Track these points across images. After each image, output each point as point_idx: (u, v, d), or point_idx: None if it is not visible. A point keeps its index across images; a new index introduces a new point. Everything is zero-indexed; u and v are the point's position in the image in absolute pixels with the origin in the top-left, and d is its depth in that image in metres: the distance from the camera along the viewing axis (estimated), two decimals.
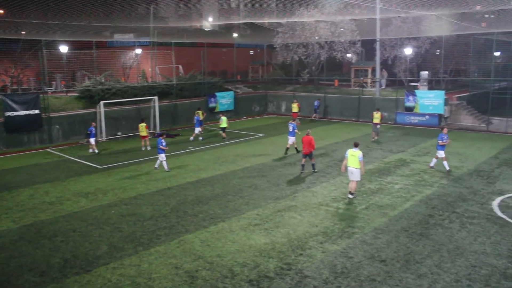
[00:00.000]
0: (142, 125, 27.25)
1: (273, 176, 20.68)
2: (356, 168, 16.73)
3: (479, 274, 10.99)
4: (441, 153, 20.84)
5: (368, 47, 46.10)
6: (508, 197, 17.02)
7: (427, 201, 16.68)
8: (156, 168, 22.15)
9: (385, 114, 36.41)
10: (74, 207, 16.72)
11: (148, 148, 27.23)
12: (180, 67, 44.73)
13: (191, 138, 30.30)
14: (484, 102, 35.02)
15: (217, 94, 40.34)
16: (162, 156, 21.87)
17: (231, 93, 42.25)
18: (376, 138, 29.17)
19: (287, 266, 11.55)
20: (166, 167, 21.93)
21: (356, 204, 16.49)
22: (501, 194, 17.43)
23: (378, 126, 29.29)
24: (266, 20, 49.73)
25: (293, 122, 25.50)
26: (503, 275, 10.94)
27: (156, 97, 33.99)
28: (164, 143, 21.83)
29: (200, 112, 32.29)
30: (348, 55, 48.20)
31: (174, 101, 37.46)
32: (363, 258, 11.95)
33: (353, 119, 39.04)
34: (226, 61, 52.69)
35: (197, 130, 30.34)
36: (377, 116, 29.17)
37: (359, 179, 17.10)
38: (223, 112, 34.33)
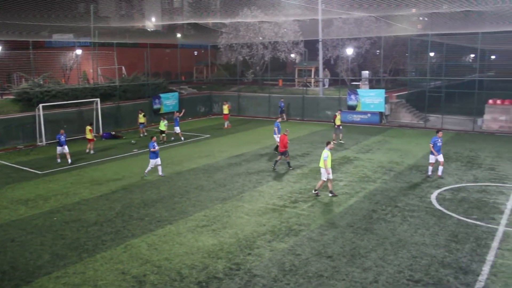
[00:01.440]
0: (88, 128, 26.50)
1: (220, 177, 20.65)
2: (321, 168, 17.18)
3: (420, 264, 11.45)
4: (440, 157, 19.41)
5: (311, 47, 46.92)
6: (444, 190, 17.83)
7: (371, 196, 17.20)
8: (145, 175, 20.91)
9: (328, 112, 37.21)
10: (12, 216, 15.96)
11: (92, 151, 26.42)
12: (123, 68, 43.74)
13: (177, 138, 30.04)
14: (421, 100, 36.53)
15: (162, 95, 39.74)
16: (152, 162, 20.66)
17: (176, 94, 41.75)
18: (341, 140, 28.47)
19: (236, 266, 11.56)
20: (160, 172, 21.00)
21: (302, 202, 16.75)
22: (438, 187, 18.24)
23: (341, 127, 28.87)
24: (210, 21, 49.61)
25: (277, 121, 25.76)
26: (441, 263, 11.46)
27: (98, 99, 33.06)
28: (156, 146, 20.71)
29: (141, 114, 31.77)
30: (292, 55, 48.91)
31: (117, 103, 36.56)
32: (311, 254, 12.16)
33: (298, 118, 39.59)
34: (170, 61, 52.03)
35: (177, 129, 30.15)
36: (339, 118, 28.60)
37: (324, 179, 17.24)
38: (164, 116, 32.57)
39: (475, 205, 16.01)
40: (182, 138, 30.20)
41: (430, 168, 19.86)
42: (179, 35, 60.38)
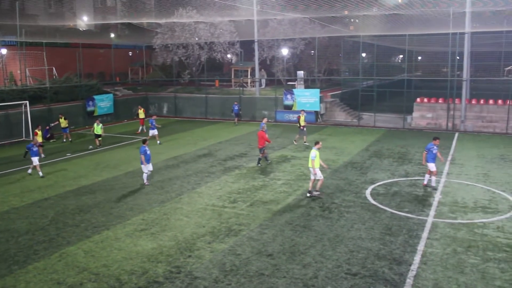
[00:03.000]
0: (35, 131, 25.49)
1: (158, 179, 20.30)
2: (309, 167, 17.10)
3: (357, 258, 11.81)
4: (432, 166, 17.70)
5: (247, 47, 47.21)
6: (378, 185, 18.51)
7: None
8: (147, 184, 19.39)
9: (266, 112, 37.60)
10: None
11: (42, 155, 25.19)
12: (54, 69, 41.94)
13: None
14: (354, 99, 37.76)
15: (96, 97, 38.50)
16: (144, 168, 19.18)
17: (110, 95, 40.60)
18: (305, 142, 27.57)
19: (177, 269, 11.40)
20: (145, 180, 19.39)
21: (241, 202, 16.80)
22: (372, 183, 18.90)
23: (305, 129, 27.99)
24: (144, 21, 48.68)
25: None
26: (377, 256, 11.88)
27: (27, 102, 31.51)
28: (148, 151, 19.09)
29: (62, 118, 30.62)
30: (228, 55, 49.03)
31: (48, 105, 35.01)
32: (251, 254, 12.21)
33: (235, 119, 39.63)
34: (104, 62, 50.52)
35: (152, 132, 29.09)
36: (303, 118, 27.86)
37: (312, 177, 17.20)
38: (98, 119, 30.55)
39: (407, 199, 16.73)
40: (159, 142, 29.00)
41: (428, 176, 18.16)
42: (113, 35, 58.77)
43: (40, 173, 21.07)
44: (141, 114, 34.20)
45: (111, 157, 25.43)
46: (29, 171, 21.66)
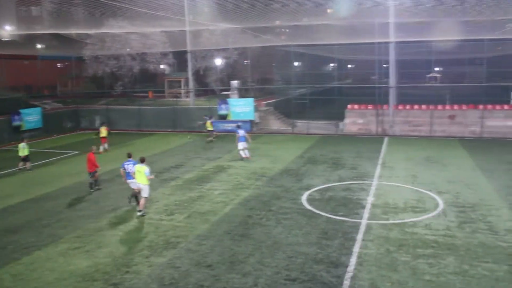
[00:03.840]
0: None
1: (92, 195, 19.66)
2: (144, 184, 16.30)
3: (295, 263, 12.01)
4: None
5: (180, 58, 46.96)
6: (313, 191, 18.94)
7: (245, 203, 17.63)
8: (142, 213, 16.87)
9: (200, 123, 37.51)
10: None
11: None
12: None
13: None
14: (288, 107, 38.48)
15: (22, 111, 36.70)
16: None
17: (38, 109, 38.86)
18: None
19: (114, 287, 11.08)
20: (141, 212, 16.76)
21: (178, 214, 16.61)
22: (307, 189, 19.31)
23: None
24: (73, 31, 47.14)
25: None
26: (314, 260, 12.15)
27: None
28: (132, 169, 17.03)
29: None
30: (161, 66, 48.50)
31: None
32: (190, 266, 12.10)
33: (169, 130, 39.20)
34: (31, 74, 48.35)
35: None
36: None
37: (147, 196, 16.65)
38: (23, 137, 27.51)
39: (341, 203, 17.24)
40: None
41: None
42: (39, 46, 56.37)
43: None
44: (103, 133, 30.79)
45: (41, 173, 24.37)
46: None
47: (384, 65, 36.15)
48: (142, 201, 16.56)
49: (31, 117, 37.32)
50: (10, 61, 42.16)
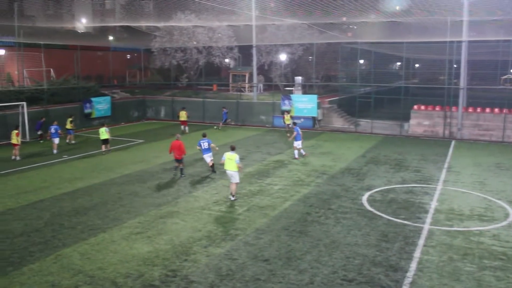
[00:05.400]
0: (14, 132, 25.13)
1: (154, 182, 20.27)
2: (234, 171, 17.16)
3: (353, 264, 11.80)
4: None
5: (245, 52, 47.31)
6: (375, 192, 18.52)
7: (305, 200, 17.53)
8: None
9: (263, 117, 37.65)
10: None
11: (18, 158, 25.08)
12: (52, 70, 41.92)
13: (54, 151, 27.23)
14: (352, 105, 37.83)
15: (93, 99, 38.50)
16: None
17: (108, 98, 40.61)
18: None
19: (172, 273, 11.37)
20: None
21: (238, 206, 16.78)
22: (369, 189, 18.91)
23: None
24: (143, 24, 48.71)
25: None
26: (373, 262, 11.88)
27: (24, 103, 31.45)
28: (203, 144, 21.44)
29: (69, 119, 30.27)
30: (226, 60, 49.07)
31: (45, 107, 34.92)
32: (247, 259, 12.19)
33: (232, 123, 39.61)
34: (102, 65, 50.54)
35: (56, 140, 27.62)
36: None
37: (238, 181, 17.50)
38: (104, 122, 30.56)
39: (403, 206, 16.75)
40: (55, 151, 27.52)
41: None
42: (111, 38, 58.78)
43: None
44: (183, 116, 35.53)
45: (108, 159, 25.39)
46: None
47: (454, 65, 34.67)
48: (233, 187, 17.41)
49: (101, 106, 39.05)
50: (85, 52, 44.15)
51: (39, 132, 31.13)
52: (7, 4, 41.11)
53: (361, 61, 45.29)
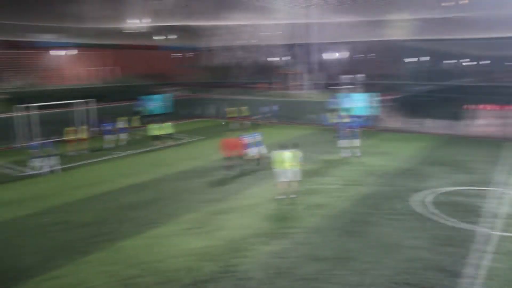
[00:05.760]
0: (79, 128, 26.59)
1: (209, 178, 20.34)
2: (295, 169, 16.86)
3: (415, 268, 11.16)
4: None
5: (297, 51, 46.85)
6: (435, 194, 17.57)
7: (362, 199, 16.95)
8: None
9: (316, 116, 37.03)
10: (3, 216, 15.67)
11: (85, 152, 26.26)
12: (115, 69, 43.42)
13: (111, 145, 28.60)
14: (409, 104, 36.50)
15: (154, 97, 39.51)
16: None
17: (166, 96, 41.49)
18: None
19: (224, 269, 11.28)
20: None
21: (293, 204, 16.49)
22: (428, 191, 17.97)
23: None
24: (202, 23, 49.38)
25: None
26: (436, 268, 11.19)
27: (90, 100, 32.65)
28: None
29: (134, 118, 31.36)
30: (278, 58, 48.89)
31: (108, 104, 36.04)
32: (299, 257, 11.88)
33: (284, 121, 39.29)
34: (161, 63, 51.76)
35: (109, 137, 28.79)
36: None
37: (298, 179, 17.19)
38: (161, 118, 32.16)
39: (464, 209, 15.76)
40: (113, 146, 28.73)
41: None
42: (169, 37, 60.01)
43: None
44: (237, 113, 36.03)
45: (166, 155, 25.92)
46: None
47: None
48: (292, 185, 17.12)
49: (159, 103, 39.91)
50: (146, 51, 45.40)
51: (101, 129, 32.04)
52: (76, 8, 42.88)
53: (421, 59, 43.66)
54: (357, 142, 24.28)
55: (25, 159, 23.20)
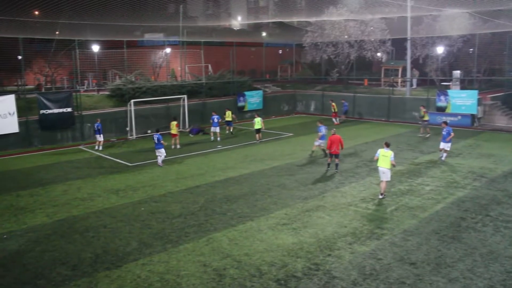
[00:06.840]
0: (173, 123, 27.56)
1: (301, 175, 20.60)
2: (387, 169, 16.58)
3: None
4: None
5: (398, 46, 45.47)
6: None
7: (459, 203, 16.32)
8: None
9: (416, 114, 35.82)
10: (105, 204, 17.03)
11: (178, 146, 27.54)
12: (209, 66, 45.03)
13: (212, 138, 30.31)
14: None
15: (246, 93, 40.48)
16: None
17: (260, 92, 42.31)
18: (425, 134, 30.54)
19: (315, 267, 11.48)
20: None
21: (386, 205, 16.27)
22: None
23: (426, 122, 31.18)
24: (295, 19, 49.58)
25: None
26: None
27: (185, 96, 34.30)
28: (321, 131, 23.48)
29: (229, 112, 32.39)
30: (378, 54, 47.63)
31: (203, 100, 37.73)
32: (393, 260, 11.78)
33: (383, 119, 38.49)
34: (255, 60, 52.80)
35: (215, 129, 29.99)
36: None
37: (389, 179, 16.93)
38: (257, 113, 33.31)
39: None
40: (219, 139, 30.09)
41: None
42: (264, 34, 61.01)
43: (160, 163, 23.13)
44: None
45: (258, 151, 26.45)
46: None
47: None
48: (383, 185, 17.10)
49: (253, 99, 40.85)
50: (239, 48, 46.56)
51: (197, 132, 33.42)
52: (173, 7, 45.09)
53: None
54: (447, 145, 22.96)
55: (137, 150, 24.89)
